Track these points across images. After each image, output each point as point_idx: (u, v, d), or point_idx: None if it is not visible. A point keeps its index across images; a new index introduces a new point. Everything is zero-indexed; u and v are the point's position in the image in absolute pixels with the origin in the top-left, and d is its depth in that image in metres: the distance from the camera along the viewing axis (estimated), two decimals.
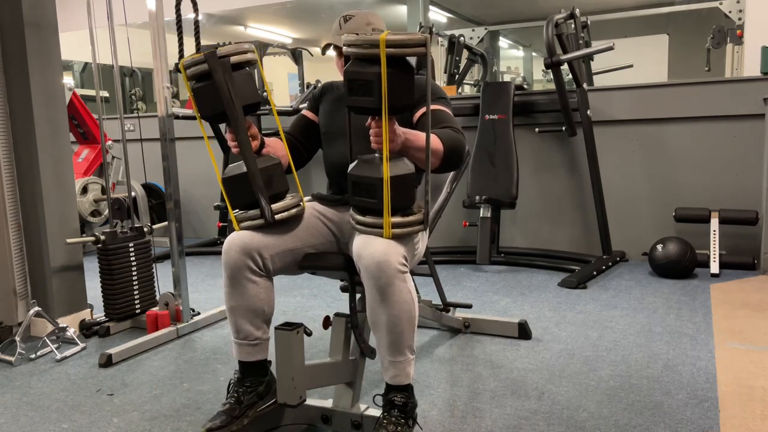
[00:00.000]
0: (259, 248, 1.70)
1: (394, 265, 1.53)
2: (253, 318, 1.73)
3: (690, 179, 3.90)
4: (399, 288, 1.55)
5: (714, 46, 5.34)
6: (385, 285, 1.53)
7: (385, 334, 1.59)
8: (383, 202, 1.53)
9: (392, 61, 1.43)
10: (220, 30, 9.12)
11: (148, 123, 3.76)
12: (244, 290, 1.70)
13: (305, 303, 3.25)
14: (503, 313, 2.96)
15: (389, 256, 1.53)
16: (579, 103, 3.81)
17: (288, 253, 1.77)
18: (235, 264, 1.68)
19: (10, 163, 2.73)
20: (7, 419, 2.01)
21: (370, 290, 1.56)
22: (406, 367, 1.64)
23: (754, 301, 3.00)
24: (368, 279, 1.55)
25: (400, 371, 1.63)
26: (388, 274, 1.53)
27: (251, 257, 1.68)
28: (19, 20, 2.66)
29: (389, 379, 1.65)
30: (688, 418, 1.85)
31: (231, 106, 1.64)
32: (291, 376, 1.65)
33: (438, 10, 7.94)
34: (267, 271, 1.73)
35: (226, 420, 1.68)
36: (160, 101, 2.72)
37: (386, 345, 1.61)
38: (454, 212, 4.16)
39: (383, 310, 1.56)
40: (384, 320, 1.57)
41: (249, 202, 1.71)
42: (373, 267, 1.53)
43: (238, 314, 1.73)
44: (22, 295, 2.76)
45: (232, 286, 1.70)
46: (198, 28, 2.75)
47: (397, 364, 1.62)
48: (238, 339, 1.75)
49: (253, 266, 1.69)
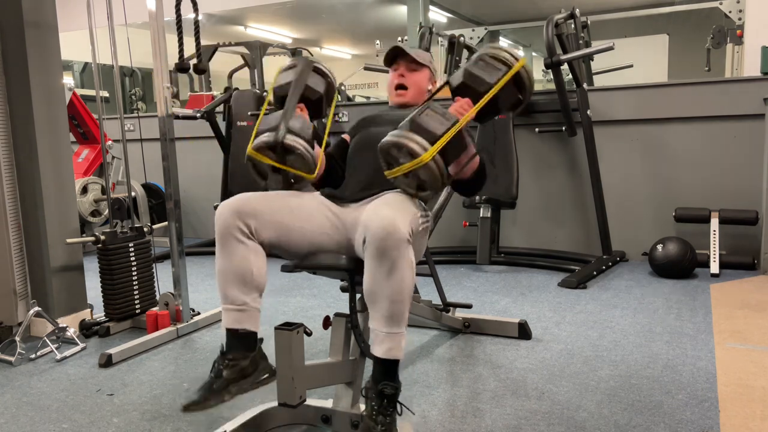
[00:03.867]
0: (252, 213, 1.68)
1: (403, 231, 1.53)
2: (240, 282, 1.67)
3: (690, 179, 3.90)
4: (405, 256, 1.54)
5: (714, 46, 5.35)
6: (391, 249, 1.52)
7: (386, 306, 1.57)
8: (442, 137, 1.63)
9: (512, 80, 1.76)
10: (220, 30, 9.12)
11: (148, 123, 3.76)
12: (232, 251, 1.67)
13: (305, 303, 3.25)
14: (503, 313, 2.96)
15: (398, 222, 1.53)
16: (579, 103, 3.81)
17: (279, 226, 1.72)
18: (226, 225, 1.67)
19: (10, 163, 2.73)
20: (7, 419, 2.01)
21: (374, 258, 1.55)
22: (401, 341, 1.60)
23: (754, 301, 3.00)
24: (374, 244, 1.53)
25: (396, 344, 1.60)
26: (396, 238, 1.52)
27: (242, 220, 1.67)
28: (19, 20, 2.66)
29: (383, 352, 1.60)
30: (688, 418, 1.85)
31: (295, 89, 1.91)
32: (291, 376, 1.65)
33: (438, 10, 7.95)
34: (258, 239, 1.70)
35: (203, 395, 1.60)
36: (160, 101, 2.72)
37: (385, 317, 1.57)
38: (454, 212, 4.16)
39: (387, 278, 1.55)
40: (386, 290, 1.55)
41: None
42: (381, 232, 1.52)
43: (226, 277, 1.68)
44: (22, 295, 2.76)
45: (222, 247, 1.68)
46: (198, 28, 2.75)
47: (394, 336, 1.59)
48: (225, 304, 1.69)
49: (244, 228, 1.68)
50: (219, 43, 4.94)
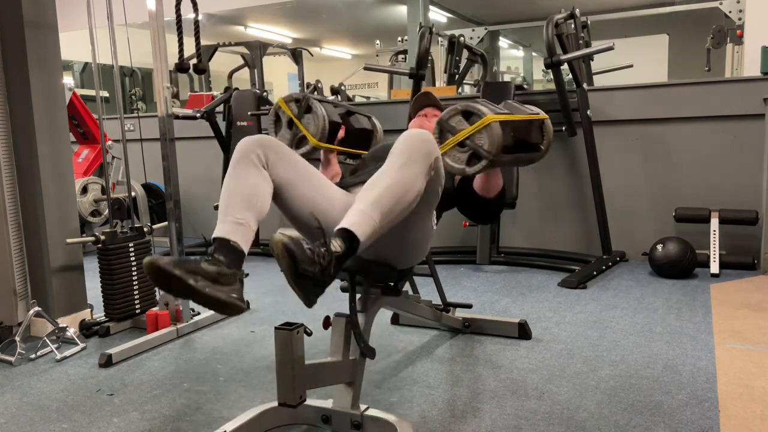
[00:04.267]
0: (274, 149, 1.75)
1: (434, 144, 1.62)
2: (246, 201, 1.65)
3: (690, 179, 3.90)
4: (423, 161, 1.59)
5: (714, 46, 5.35)
6: (415, 149, 1.59)
7: (378, 190, 1.55)
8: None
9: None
10: (220, 30, 9.12)
11: (148, 123, 3.76)
12: (246, 174, 1.69)
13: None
14: (503, 313, 2.96)
15: (431, 138, 1.63)
16: (579, 103, 3.81)
17: (294, 172, 1.78)
18: (246, 150, 1.71)
19: (10, 163, 2.73)
20: (7, 419, 2.01)
21: (393, 153, 1.60)
22: (368, 226, 1.51)
23: (754, 301, 3.00)
24: (402, 139, 1.61)
25: (363, 223, 1.51)
26: (425, 139, 1.60)
27: (263, 150, 1.73)
28: (19, 20, 2.66)
29: (348, 224, 1.50)
30: (688, 418, 1.85)
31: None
32: (291, 376, 1.65)
33: (438, 10, 7.95)
34: (270, 173, 1.74)
35: (175, 264, 1.47)
36: (160, 101, 2.72)
37: (370, 198, 1.53)
38: (455, 212, 4.15)
39: (395, 170, 1.57)
40: (388, 179, 1.57)
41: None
42: (414, 132, 1.62)
43: (231, 195, 1.66)
44: (22, 295, 2.76)
45: (235, 168, 1.71)
46: (198, 28, 2.75)
47: (365, 216, 1.51)
48: (224, 216, 1.63)
49: (262, 157, 1.72)
50: (219, 43, 4.94)
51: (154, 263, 1.45)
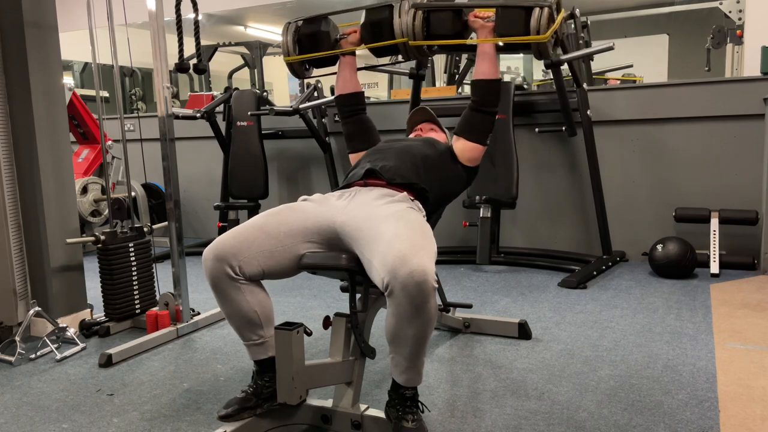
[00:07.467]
0: (232, 254, 1.68)
1: (431, 282, 1.50)
2: (248, 323, 1.75)
3: (690, 179, 3.90)
4: (432, 304, 1.53)
5: (714, 46, 5.34)
6: (421, 303, 1.50)
7: (409, 345, 1.58)
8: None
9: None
10: (220, 30, 9.12)
11: (148, 123, 3.76)
12: (228, 298, 1.72)
13: (305, 303, 3.25)
14: (503, 313, 2.96)
15: (428, 275, 1.49)
16: (579, 103, 3.81)
17: (262, 255, 1.72)
18: (213, 273, 1.69)
19: (10, 163, 2.73)
20: (7, 419, 2.01)
21: (402, 307, 1.51)
22: (421, 368, 1.68)
23: (754, 301, 3.00)
24: (404, 297, 1.49)
25: (416, 374, 1.67)
26: (426, 293, 1.49)
27: (228, 264, 1.68)
28: (19, 20, 2.66)
29: (404, 381, 1.66)
30: (688, 418, 1.85)
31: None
32: (291, 376, 1.65)
33: None
34: (246, 276, 1.71)
35: (238, 409, 1.74)
36: (160, 101, 2.72)
37: (408, 354, 1.60)
38: (454, 212, 4.15)
39: (413, 324, 1.54)
40: (411, 334, 1.56)
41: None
42: (412, 286, 1.47)
43: (233, 320, 1.77)
44: (22, 295, 2.76)
45: (218, 295, 1.73)
46: (198, 28, 2.75)
47: (415, 367, 1.65)
48: (244, 341, 1.79)
49: (231, 273, 1.68)
50: (219, 43, 4.94)
51: (227, 420, 1.74)
